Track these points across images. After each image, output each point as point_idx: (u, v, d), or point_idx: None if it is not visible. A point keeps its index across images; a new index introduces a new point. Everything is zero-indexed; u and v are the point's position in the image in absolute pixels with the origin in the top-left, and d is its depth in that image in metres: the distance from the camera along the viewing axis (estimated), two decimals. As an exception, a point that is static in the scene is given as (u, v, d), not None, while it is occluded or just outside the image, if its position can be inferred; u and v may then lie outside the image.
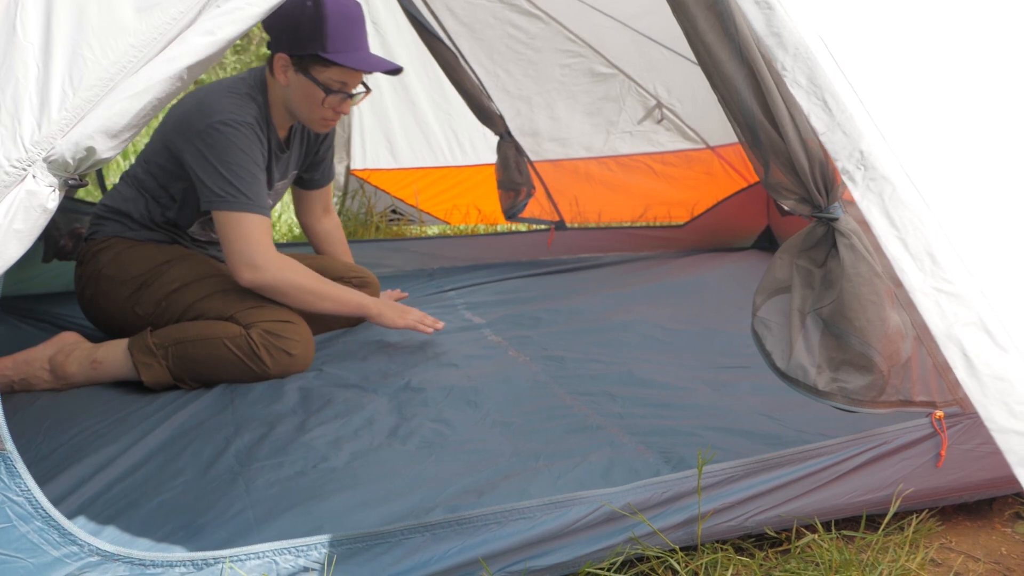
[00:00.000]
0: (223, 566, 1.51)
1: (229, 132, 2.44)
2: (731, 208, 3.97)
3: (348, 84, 2.55)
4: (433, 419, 2.27)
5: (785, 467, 1.79)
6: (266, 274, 2.46)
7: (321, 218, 3.12)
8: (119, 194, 2.73)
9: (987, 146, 1.25)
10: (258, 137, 2.51)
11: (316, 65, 2.49)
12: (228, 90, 2.52)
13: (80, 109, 1.25)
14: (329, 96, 2.52)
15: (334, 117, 2.60)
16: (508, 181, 3.87)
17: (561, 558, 1.67)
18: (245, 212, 2.43)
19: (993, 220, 1.18)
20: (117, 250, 2.64)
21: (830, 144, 1.23)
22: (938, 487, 1.87)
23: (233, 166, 2.43)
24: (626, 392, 2.42)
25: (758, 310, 1.84)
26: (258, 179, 2.48)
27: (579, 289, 3.46)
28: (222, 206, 2.44)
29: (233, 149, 2.43)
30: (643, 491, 1.72)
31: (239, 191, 2.42)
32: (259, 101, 2.56)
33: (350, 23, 2.50)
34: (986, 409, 1.09)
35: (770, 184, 1.78)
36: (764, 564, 1.76)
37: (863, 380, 1.73)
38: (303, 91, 2.53)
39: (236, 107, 2.48)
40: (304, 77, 2.51)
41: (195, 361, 2.44)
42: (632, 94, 3.87)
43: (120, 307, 2.60)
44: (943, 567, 1.78)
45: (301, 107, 2.57)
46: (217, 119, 2.44)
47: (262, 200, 2.47)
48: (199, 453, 2.10)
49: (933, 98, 1.27)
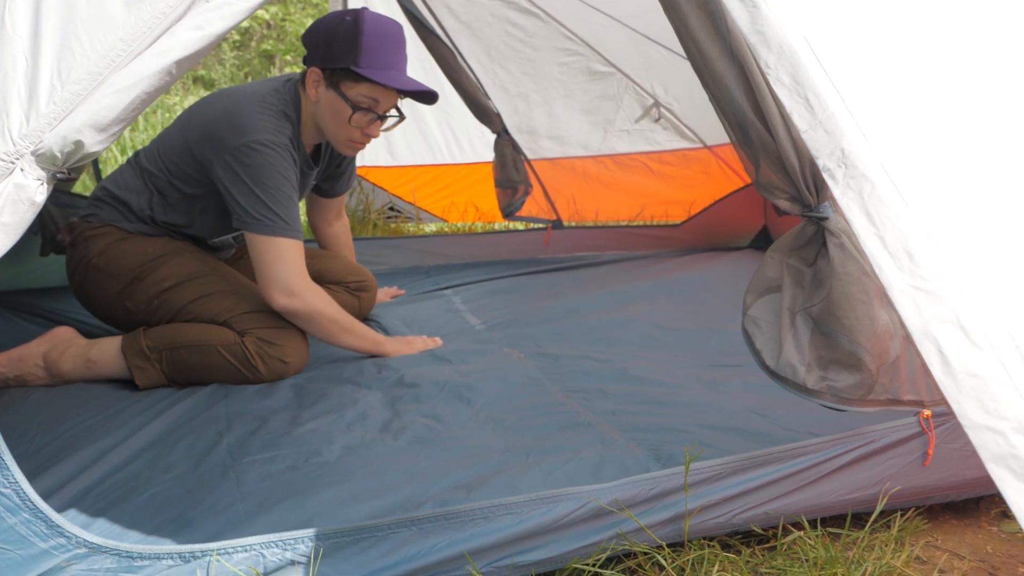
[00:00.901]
0: (210, 559, 1.51)
1: (268, 153, 2.39)
2: (728, 208, 3.98)
3: (379, 104, 2.48)
4: (426, 415, 2.28)
5: (772, 465, 1.79)
6: (301, 302, 2.43)
7: (332, 222, 3.11)
8: (124, 181, 2.67)
9: (967, 145, 1.26)
10: (293, 158, 2.47)
11: (347, 80, 2.43)
12: (261, 103, 2.45)
13: (68, 103, 1.26)
14: (356, 114, 2.46)
15: (362, 139, 2.54)
16: (505, 179, 3.88)
17: (548, 553, 1.67)
18: (283, 237, 2.41)
19: (971, 218, 1.19)
20: (109, 240, 2.59)
21: (811, 142, 1.24)
22: (925, 486, 1.87)
23: (271, 189, 2.39)
24: (619, 389, 2.43)
25: (749, 309, 1.84)
26: (294, 202, 2.45)
27: (575, 287, 3.47)
28: (259, 229, 2.40)
29: (269, 171, 2.39)
30: (630, 487, 1.73)
31: (277, 215, 2.39)
32: (292, 119, 2.50)
33: (387, 41, 2.45)
34: (960, 406, 1.10)
35: (761, 183, 1.78)
36: (751, 561, 1.77)
37: (852, 379, 1.74)
38: (331, 107, 2.48)
39: (272, 127, 2.42)
40: (334, 92, 2.45)
41: (189, 366, 2.44)
42: (630, 93, 3.87)
43: (110, 299, 2.58)
44: (928, 565, 1.78)
45: (329, 125, 2.52)
46: (253, 138, 2.38)
47: (297, 224, 2.45)
48: (191, 447, 2.11)
49: (914, 97, 1.27)
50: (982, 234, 1.18)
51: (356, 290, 3.04)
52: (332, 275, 2.99)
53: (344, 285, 3.01)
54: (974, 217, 1.19)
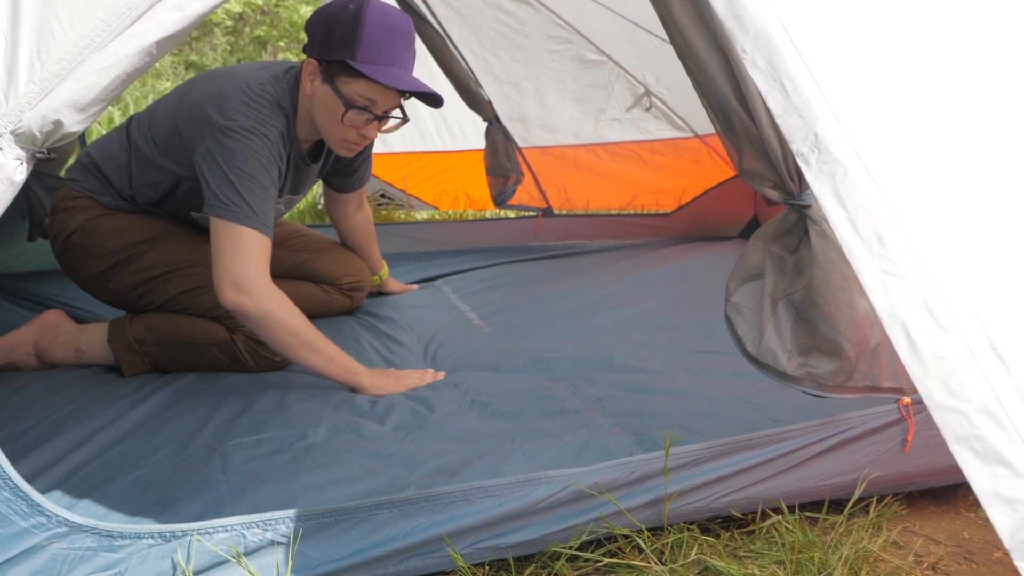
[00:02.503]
0: (191, 538, 1.52)
1: (249, 140, 2.24)
2: (718, 197, 3.99)
3: (376, 104, 2.27)
4: (412, 400, 2.29)
5: (752, 450, 1.81)
6: (252, 301, 2.19)
7: (352, 215, 2.99)
8: (108, 149, 2.54)
9: (940, 131, 1.27)
10: (279, 152, 2.31)
11: (343, 75, 2.24)
12: (253, 91, 2.29)
13: (48, 82, 1.26)
14: (350, 112, 2.26)
15: (357, 140, 2.34)
16: (497, 167, 3.89)
17: (528, 536, 1.69)
18: (246, 226, 2.20)
19: (942, 203, 1.20)
20: (88, 216, 2.49)
21: (786, 127, 1.24)
22: (904, 472, 1.89)
23: (245, 175, 2.22)
24: (605, 376, 2.44)
25: (731, 296, 1.85)
26: (268, 194, 2.26)
27: (564, 275, 3.48)
28: (223, 213, 2.21)
29: (246, 157, 2.23)
30: (611, 471, 1.74)
31: (245, 203, 2.21)
32: (287, 111, 2.34)
33: (391, 35, 2.23)
34: (925, 387, 1.11)
35: (744, 170, 1.79)
36: (729, 544, 1.78)
37: (831, 365, 1.75)
38: (325, 103, 2.29)
39: (261, 116, 2.27)
40: (329, 87, 2.26)
41: (177, 360, 2.44)
42: (621, 81, 3.88)
43: (92, 278, 2.53)
44: (905, 549, 1.80)
45: (322, 122, 2.34)
46: (238, 123, 2.24)
47: (268, 219, 2.25)
48: (177, 430, 2.11)
49: (889, 83, 1.28)
50: (952, 219, 1.20)
51: (350, 290, 3.00)
52: (326, 275, 2.94)
53: (339, 287, 2.97)
54: (945, 202, 1.20)
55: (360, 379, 2.31)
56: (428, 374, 2.41)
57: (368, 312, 3.05)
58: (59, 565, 1.46)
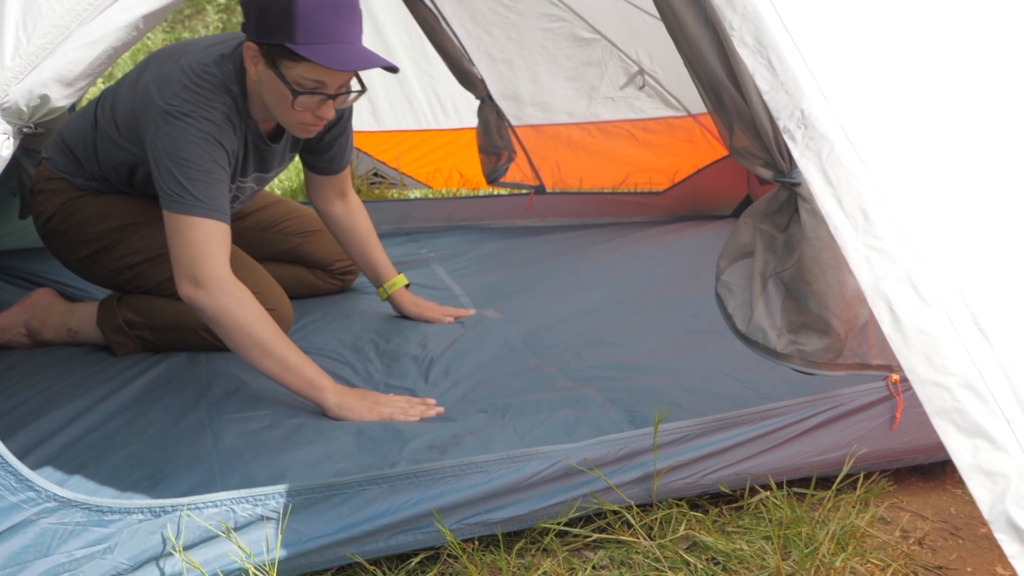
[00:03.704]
0: (181, 513, 1.53)
1: (185, 124, 2.08)
2: (711, 176, 3.98)
3: (327, 84, 2.08)
4: (404, 377, 2.30)
5: (741, 427, 1.82)
6: (205, 295, 2.03)
7: (334, 201, 2.67)
8: (77, 129, 2.42)
9: (926, 107, 1.27)
10: (225, 133, 2.15)
11: (284, 59, 2.03)
12: (198, 75, 2.13)
13: (34, 56, 1.26)
14: (300, 98, 2.07)
15: (314, 122, 2.15)
16: (489, 145, 3.88)
17: (517, 511, 1.70)
18: (193, 216, 2.05)
19: (927, 179, 1.20)
20: (64, 198, 2.43)
21: (772, 103, 1.25)
22: (892, 449, 1.90)
23: (183, 162, 2.07)
24: (596, 354, 2.45)
25: (722, 273, 1.86)
26: (212, 178, 2.09)
27: (556, 253, 3.48)
28: (169, 205, 2.08)
29: (183, 143, 2.08)
30: (600, 447, 1.75)
31: (187, 191, 2.06)
32: (234, 92, 2.16)
33: (330, 8, 2.02)
34: (908, 361, 1.12)
35: (735, 149, 1.79)
36: (718, 520, 1.80)
37: (820, 343, 1.76)
38: (273, 89, 2.10)
39: (202, 99, 2.11)
40: (273, 73, 2.06)
41: (168, 343, 2.42)
42: (614, 60, 3.86)
43: (77, 262, 2.49)
44: (892, 525, 1.81)
45: (274, 108, 2.15)
46: (176, 108, 2.09)
47: (216, 202, 2.09)
48: (170, 407, 2.12)
49: (876, 60, 1.28)
50: (937, 195, 1.20)
51: (342, 274, 2.96)
52: (318, 259, 2.88)
53: (330, 271, 2.92)
54: (930, 179, 1.21)
55: (324, 396, 2.05)
56: (417, 407, 2.09)
57: (360, 292, 3.05)
58: (48, 540, 1.47)
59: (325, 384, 2.05)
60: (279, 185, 4.84)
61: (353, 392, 2.08)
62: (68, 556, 1.48)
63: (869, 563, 1.67)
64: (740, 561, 1.66)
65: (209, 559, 1.54)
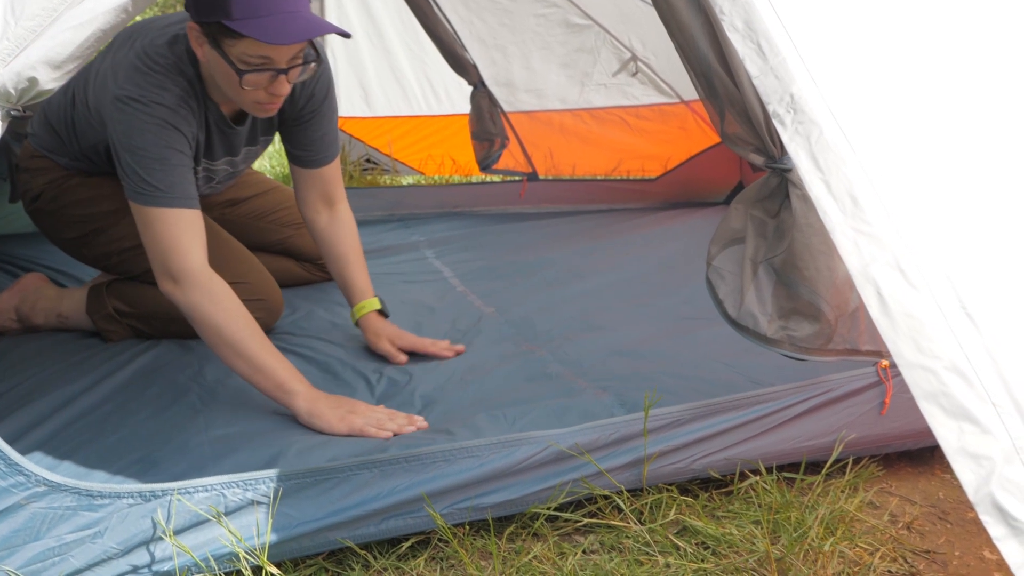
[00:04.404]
0: (171, 498, 1.53)
1: (135, 110, 1.99)
2: (704, 163, 3.97)
3: (273, 59, 1.93)
4: (395, 366, 2.29)
5: (732, 412, 1.82)
6: (179, 290, 1.97)
7: (319, 208, 2.40)
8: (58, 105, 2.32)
9: (914, 93, 1.27)
10: (181, 116, 2.04)
11: (225, 37, 1.90)
12: (150, 59, 2.03)
13: (22, 39, 1.25)
14: (247, 76, 1.93)
15: (269, 100, 2.02)
16: (482, 132, 3.86)
17: (508, 496, 1.70)
18: (157, 207, 1.98)
19: (915, 165, 1.20)
20: (50, 178, 2.37)
21: (762, 87, 1.24)
22: (882, 434, 1.91)
23: (138, 151, 1.98)
24: (588, 340, 2.45)
25: (713, 260, 1.86)
26: (170, 164, 2.00)
27: (549, 240, 3.47)
28: (132, 196, 2.01)
29: (136, 131, 1.99)
30: (591, 432, 1.76)
31: (146, 181, 1.97)
32: (189, 74, 2.05)
33: None
34: (895, 344, 1.12)
35: (726, 134, 1.79)
36: (708, 505, 1.80)
37: (811, 328, 1.76)
38: (220, 70, 1.98)
39: (152, 84, 2.01)
40: (216, 53, 1.93)
41: (158, 331, 2.40)
42: (607, 46, 3.85)
43: (65, 242, 2.46)
44: (880, 509, 1.82)
45: (226, 89, 2.03)
46: (126, 93, 1.99)
47: (180, 190, 2.00)
48: (161, 393, 2.12)
49: (866, 45, 1.28)
50: (925, 179, 1.20)
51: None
52: (309, 252, 2.81)
53: (317, 264, 2.86)
54: (918, 163, 1.21)
55: (294, 401, 1.94)
56: (396, 421, 1.92)
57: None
58: (38, 524, 1.47)
59: (296, 388, 1.95)
60: (272, 171, 4.83)
61: (328, 399, 1.96)
62: (58, 540, 1.48)
63: (858, 547, 1.68)
64: (730, 545, 1.67)
65: (199, 543, 1.55)
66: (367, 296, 2.38)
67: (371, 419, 1.91)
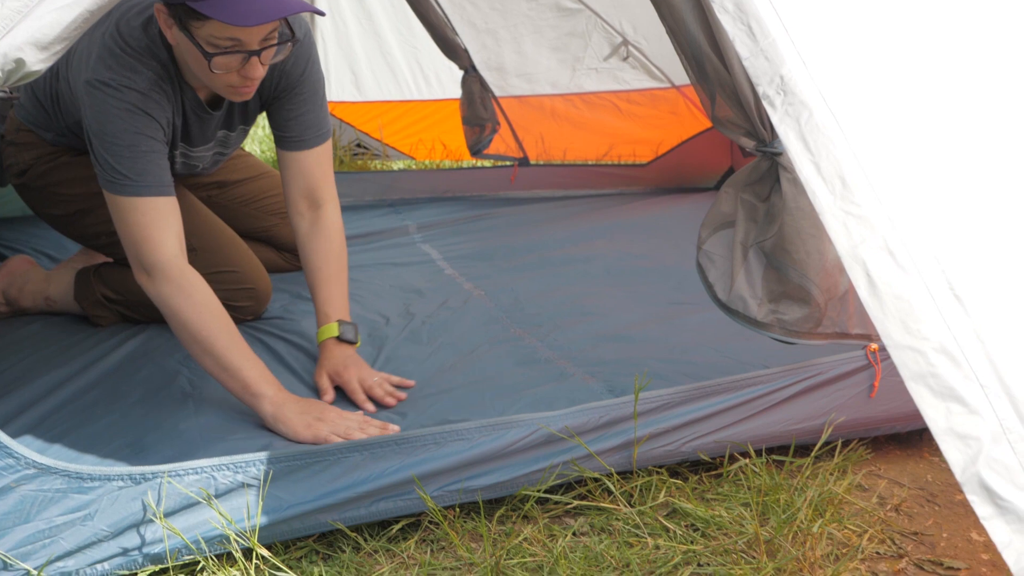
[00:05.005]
0: (161, 480, 1.53)
1: (106, 95, 1.91)
2: (695, 148, 3.98)
3: (243, 41, 1.83)
4: (385, 350, 2.29)
5: (721, 395, 1.83)
6: (151, 284, 1.91)
7: (303, 211, 2.21)
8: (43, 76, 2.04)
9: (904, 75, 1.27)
10: (154, 101, 1.96)
11: (191, 19, 1.80)
12: (123, 40, 1.94)
13: (9, 20, 1.24)
14: (217, 59, 1.83)
15: (242, 83, 1.91)
16: (473, 116, 3.86)
17: (498, 478, 1.71)
18: (128, 196, 1.91)
19: (905, 147, 1.21)
20: (37, 154, 2.30)
21: (752, 69, 1.24)
22: (871, 417, 1.92)
23: (108, 137, 1.91)
24: (577, 325, 2.45)
25: (703, 243, 1.87)
26: (139, 151, 1.92)
27: (539, 225, 3.47)
28: (104, 185, 1.94)
29: (106, 117, 1.92)
30: (581, 415, 1.76)
31: (115, 170, 1.90)
32: (162, 58, 1.96)
33: None
34: (884, 326, 1.13)
35: (717, 118, 1.79)
36: (697, 487, 1.81)
37: (801, 312, 1.77)
38: (190, 53, 1.88)
39: (124, 67, 1.92)
40: (184, 35, 1.84)
41: (148, 315, 2.35)
42: (598, 30, 3.84)
43: (52, 218, 2.43)
44: (869, 492, 1.83)
45: (197, 72, 1.94)
46: (97, 77, 1.92)
47: (152, 177, 1.92)
48: (151, 377, 2.12)
49: (856, 27, 1.28)
50: (915, 162, 1.20)
51: None
52: (286, 243, 2.73)
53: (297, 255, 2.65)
54: (908, 145, 1.21)
55: (259, 404, 1.85)
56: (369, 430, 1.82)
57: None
58: (28, 506, 1.47)
59: (263, 391, 1.85)
60: (262, 156, 4.81)
61: (297, 404, 1.86)
62: (48, 523, 1.48)
63: (846, 529, 1.69)
64: (719, 527, 1.67)
65: (190, 526, 1.55)
66: (329, 320, 2.16)
67: (339, 427, 1.82)
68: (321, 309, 2.17)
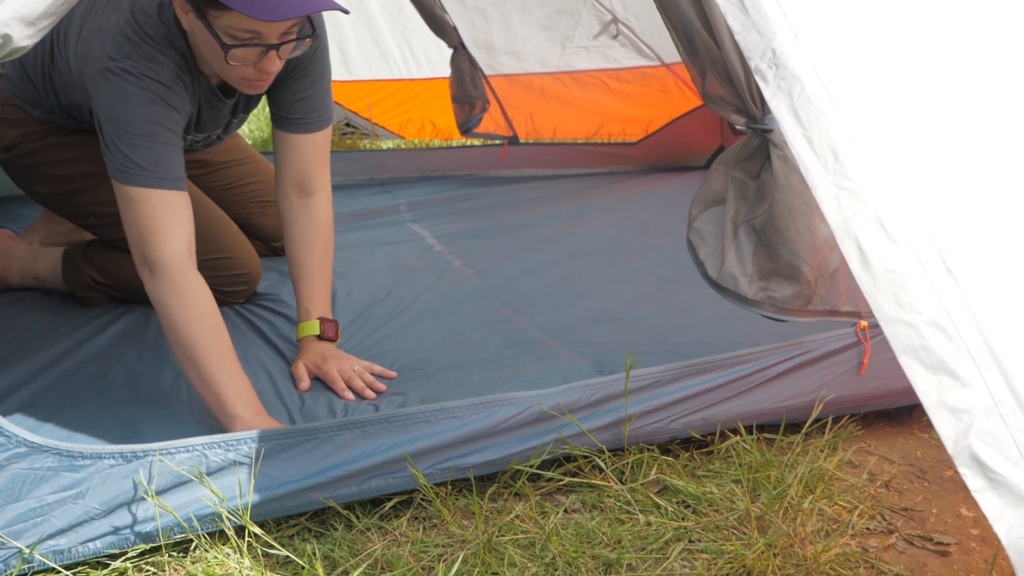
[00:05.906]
0: (152, 459, 1.53)
1: (125, 82, 1.86)
2: (685, 127, 3.97)
3: (263, 34, 1.79)
4: (375, 331, 2.29)
5: (711, 372, 1.83)
6: (150, 281, 1.84)
7: (292, 199, 2.16)
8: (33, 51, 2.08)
9: (897, 48, 1.27)
10: (174, 91, 1.91)
11: (210, 8, 1.76)
12: (140, 26, 1.89)
13: (-6, -5, 1.23)
14: (234, 51, 1.79)
15: (257, 76, 1.88)
16: (462, 95, 3.84)
17: (489, 456, 1.71)
18: (139, 187, 1.84)
19: (897, 120, 1.21)
20: (23, 131, 2.26)
21: (744, 43, 1.24)
22: (860, 394, 1.93)
23: (122, 125, 1.85)
24: (566, 304, 2.46)
25: (694, 221, 1.87)
26: (157, 141, 1.87)
27: (529, 204, 3.47)
28: (114, 174, 1.87)
29: (124, 104, 1.86)
30: (572, 393, 1.76)
31: (128, 158, 1.84)
32: (180, 46, 1.91)
33: None
34: (876, 300, 1.13)
35: (707, 95, 1.79)
36: (688, 464, 1.82)
37: (791, 289, 1.77)
38: (206, 42, 1.84)
39: (143, 55, 1.87)
40: (202, 24, 1.80)
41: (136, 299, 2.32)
42: (588, 8, 3.82)
43: (39, 196, 2.39)
44: (859, 468, 1.84)
45: (212, 62, 1.90)
46: (117, 64, 1.86)
47: (167, 170, 1.87)
48: (142, 356, 2.12)
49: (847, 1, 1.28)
50: (906, 135, 1.20)
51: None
52: (263, 232, 2.68)
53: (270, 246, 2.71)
54: (900, 119, 1.21)
55: (232, 426, 1.76)
56: None
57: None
58: (19, 485, 1.46)
59: (238, 413, 1.76)
60: (250, 136, 4.79)
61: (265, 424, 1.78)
62: (39, 501, 1.47)
63: (837, 505, 1.70)
64: (710, 504, 1.68)
65: (181, 504, 1.55)
66: (309, 317, 2.12)
67: None
68: (302, 305, 2.13)
